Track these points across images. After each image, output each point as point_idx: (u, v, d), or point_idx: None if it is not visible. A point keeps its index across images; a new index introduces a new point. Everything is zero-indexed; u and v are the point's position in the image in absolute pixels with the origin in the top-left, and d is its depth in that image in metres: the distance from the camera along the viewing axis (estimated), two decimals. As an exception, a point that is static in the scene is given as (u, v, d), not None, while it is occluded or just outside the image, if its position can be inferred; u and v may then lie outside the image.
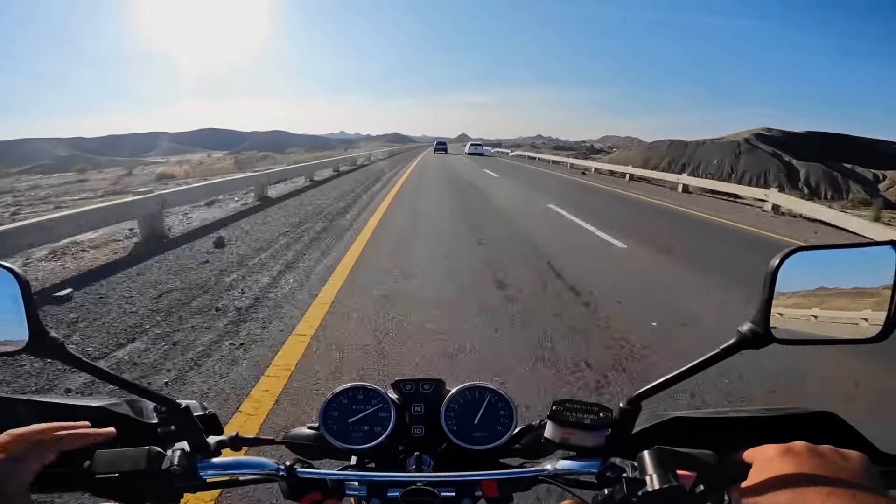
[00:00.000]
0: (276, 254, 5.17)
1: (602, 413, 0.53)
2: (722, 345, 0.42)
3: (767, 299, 0.40)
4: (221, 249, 5.24)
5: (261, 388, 2.43)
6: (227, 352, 2.85)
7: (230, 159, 34.00)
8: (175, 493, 0.52)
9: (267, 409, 2.24)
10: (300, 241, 5.83)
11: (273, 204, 8.87)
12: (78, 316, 3.28)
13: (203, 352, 2.83)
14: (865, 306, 0.40)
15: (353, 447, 0.58)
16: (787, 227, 9.21)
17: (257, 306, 3.60)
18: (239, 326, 3.22)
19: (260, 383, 2.48)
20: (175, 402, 0.51)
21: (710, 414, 0.56)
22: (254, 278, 4.28)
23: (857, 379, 2.78)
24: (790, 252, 0.40)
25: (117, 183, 20.13)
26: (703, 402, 2.41)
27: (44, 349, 0.43)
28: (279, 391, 2.40)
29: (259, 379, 2.52)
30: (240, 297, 3.79)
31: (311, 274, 4.47)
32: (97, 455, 0.49)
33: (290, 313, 3.46)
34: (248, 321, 3.31)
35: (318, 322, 3.30)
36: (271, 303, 3.68)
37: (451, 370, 2.69)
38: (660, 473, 0.43)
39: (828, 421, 0.51)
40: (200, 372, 2.60)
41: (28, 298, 0.43)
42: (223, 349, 2.88)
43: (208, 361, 2.72)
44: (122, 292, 3.79)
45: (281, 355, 2.80)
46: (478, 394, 0.61)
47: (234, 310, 3.50)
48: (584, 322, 3.48)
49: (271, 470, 0.53)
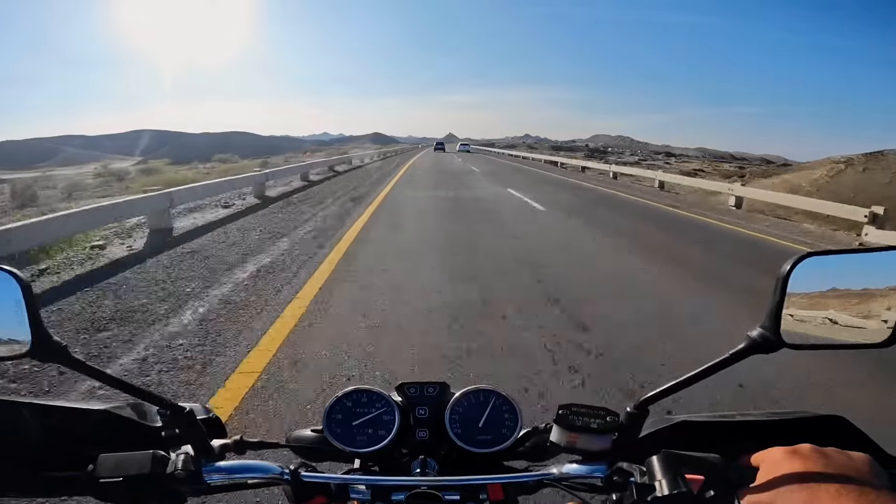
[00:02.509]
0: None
1: (609, 417, 0.53)
2: (731, 350, 0.42)
3: (778, 304, 0.40)
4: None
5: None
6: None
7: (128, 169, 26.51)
8: (179, 497, 0.51)
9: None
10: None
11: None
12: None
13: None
14: (875, 311, 0.40)
15: (356, 450, 0.58)
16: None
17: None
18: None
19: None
20: (179, 406, 0.51)
21: (716, 417, 0.56)
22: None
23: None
24: (801, 257, 0.40)
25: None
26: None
27: (47, 353, 0.43)
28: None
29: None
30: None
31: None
32: (101, 459, 0.49)
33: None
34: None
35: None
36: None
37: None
38: (669, 479, 0.42)
39: (836, 424, 0.51)
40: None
41: (31, 302, 0.43)
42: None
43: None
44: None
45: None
46: (482, 397, 0.61)
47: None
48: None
49: (275, 474, 0.53)
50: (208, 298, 3.72)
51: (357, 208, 8.65)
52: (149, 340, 2.94)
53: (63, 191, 15.90)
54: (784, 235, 7.65)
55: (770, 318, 0.40)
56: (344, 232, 6.43)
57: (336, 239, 5.97)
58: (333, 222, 7.22)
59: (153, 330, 3.10)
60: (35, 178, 19.97)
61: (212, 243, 5.66)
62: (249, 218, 7.53)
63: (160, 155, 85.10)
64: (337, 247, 5.53)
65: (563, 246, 6.11)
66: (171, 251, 5.20)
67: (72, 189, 16.39)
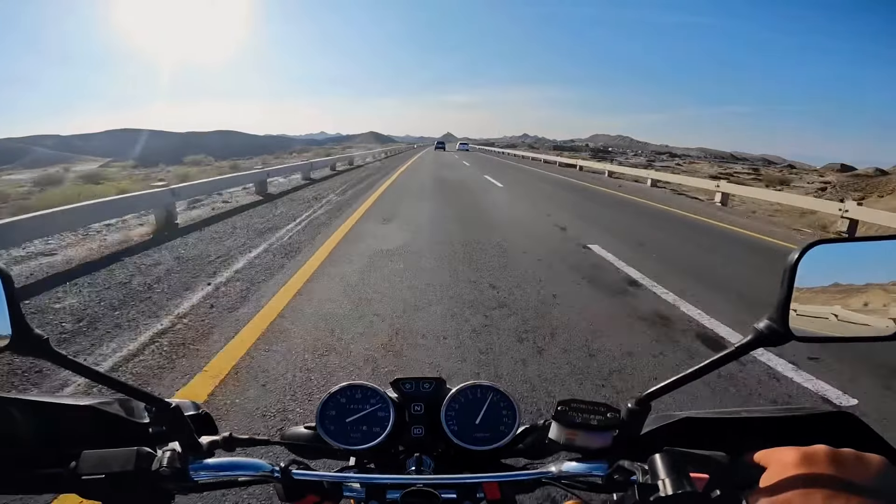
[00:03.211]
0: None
1: (609, 413, 0.51)
2: (737, 342, 0.41)
3: (786, 296, 0.39)
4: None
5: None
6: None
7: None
8: (166, 495, 0.50)
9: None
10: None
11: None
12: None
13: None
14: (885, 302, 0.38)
15: (350, 448, 0.56)
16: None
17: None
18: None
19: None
20: (165, 402, 0.49)
21: (720, 414, 0.54)
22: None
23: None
24: (809, 246, 0.39)
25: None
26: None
27: (28, 347, 0.41)
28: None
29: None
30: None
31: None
32: (84, 455, 0.47)
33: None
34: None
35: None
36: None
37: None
38: (673, 478, 0.41)
39: (844, 421, 0.50)
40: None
41: (11, 294, 0.41)
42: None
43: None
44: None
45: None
46: (479, 393, 0.60)
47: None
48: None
49: (265, 471, 0.51)
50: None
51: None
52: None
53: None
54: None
55: (777, 309, 0.39)
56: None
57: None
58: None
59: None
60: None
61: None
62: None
63: (134, 156, 75.30)
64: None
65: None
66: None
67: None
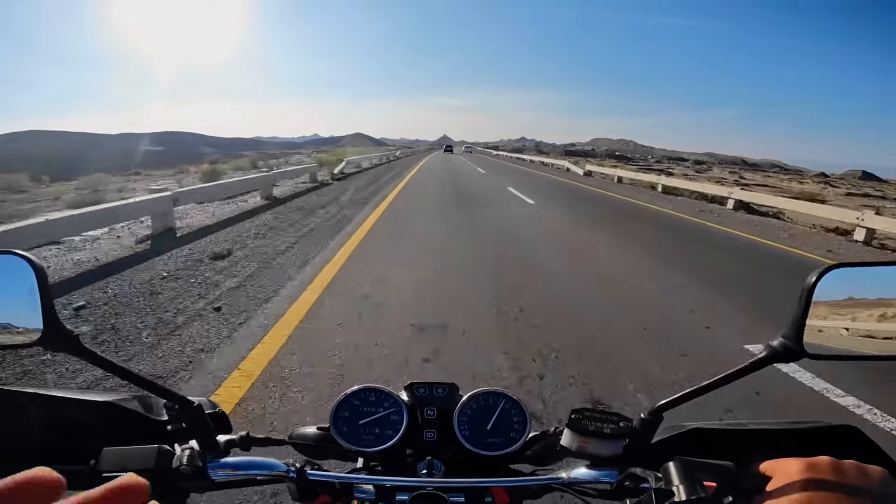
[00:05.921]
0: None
1: (622, 423, 0.52)
2: (751, 359, 0.41)
3: (802, 315, 0.39)
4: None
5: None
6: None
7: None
8: (182, 492, 0.50)
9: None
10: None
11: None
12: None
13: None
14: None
15: (363, 450, 0.57)
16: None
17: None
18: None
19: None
20: (187, 400, 0.50)
21: (728, 426, 0.55)
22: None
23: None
24: (827, 269, 0.39)
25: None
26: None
27: (58, 342, 0.42)
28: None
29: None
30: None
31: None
32: (104, 453, 0.48)
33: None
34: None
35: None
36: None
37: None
38: (687, 485, 0.42)
39: (848, 435, 0.50)
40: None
41: (44, 289, 0.42)
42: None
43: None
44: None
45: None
46: (491, 399, 0.60)
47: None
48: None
49: (281, 471, 0.52)
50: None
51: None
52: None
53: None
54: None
55: (792, 327, 0.40)
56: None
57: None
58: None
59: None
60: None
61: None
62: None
63: (53, 163, 57.87)
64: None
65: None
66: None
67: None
